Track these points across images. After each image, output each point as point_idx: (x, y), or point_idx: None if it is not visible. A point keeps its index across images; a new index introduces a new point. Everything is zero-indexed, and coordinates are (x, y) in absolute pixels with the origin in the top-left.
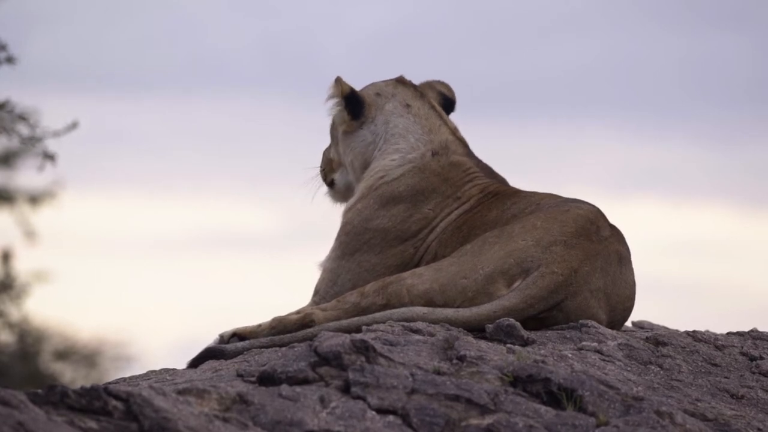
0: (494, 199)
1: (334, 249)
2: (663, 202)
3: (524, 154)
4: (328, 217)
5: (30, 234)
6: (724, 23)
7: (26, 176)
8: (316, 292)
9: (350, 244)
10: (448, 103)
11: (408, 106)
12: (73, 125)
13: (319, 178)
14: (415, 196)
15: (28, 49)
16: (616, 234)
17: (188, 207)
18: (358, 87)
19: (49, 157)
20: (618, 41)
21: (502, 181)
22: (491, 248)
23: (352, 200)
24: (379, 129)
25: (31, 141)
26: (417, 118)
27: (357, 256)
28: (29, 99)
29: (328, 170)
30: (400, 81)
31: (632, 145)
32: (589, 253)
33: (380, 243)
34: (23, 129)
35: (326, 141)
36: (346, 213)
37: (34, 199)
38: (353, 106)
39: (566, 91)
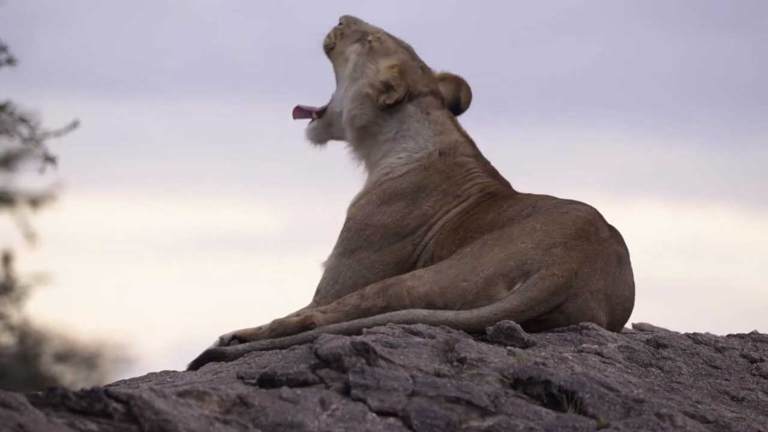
0: (491, 201)
1: (336, 246)
2: (664, 204)
3: (524, 155)
4: (329, 213)
5: (30, 236)
6: (725, 24)
7: (26, 179)
8: (318, 291)
9: (351, 240)
10: (456, 108)
11: (428, 113)
12: (74, 124)
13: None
14: (417, 193)
15: (30, 50)
16: (614, 235)
17: (189, 209)
18: None
19: (50, 159)
20: (618, 42)
21: (506, 185)
22: (491, 251)
23: (357, 195)
24: (393, 125)
25: (32, 142)
26: (432, 123)
27: (358, 253)
28: (31, 101)
29: (336, 56)
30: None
31: (633, 147)
32: (589, 254)
33: (380, 240)
34: (24, 130)
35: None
36: (350, 208)
37: (35, 201)
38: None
39: (567, 92)
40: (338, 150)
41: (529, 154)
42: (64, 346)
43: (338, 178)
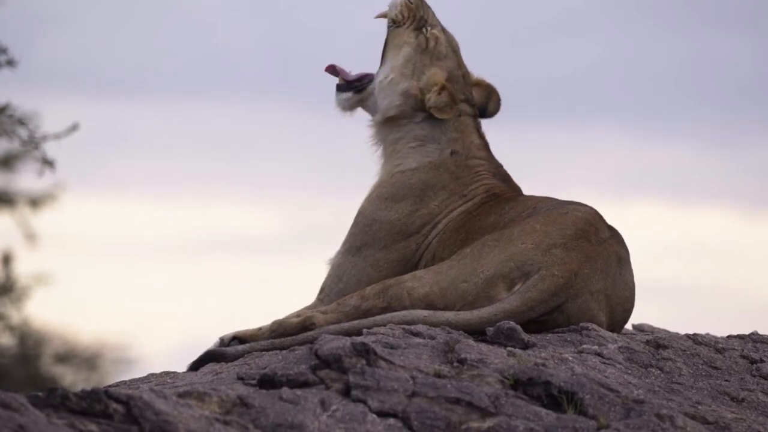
0: (494, 203)
1: (344, 243)
2: (664, 204)
3: (524, 155)
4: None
5: (30, 237)
6: (725, 24)
7: (27, 179)
8: (322, 289)
9: (358, 237)
10: (482, 113)
11: (459, 116)
12: (74, 127)
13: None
14: (424, 191)
15: (30, 51)
16: (614, 235)
17: (189, 210)
18: None
19: (48, 163)
20: (618, 42)
21: (515, 189)
22: (491, 252)
23: (372, 187)
24: (419, 118)
25: (31, 144)
26: (455, 123)
27: (363, 251)
28: (31, 101)
29: (396, 34)
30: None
31: (633, 147)
32: (589, 255)
33: (385, 237)
34: (23, 132)
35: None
36: (364, 201)
37: (35, 201)
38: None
39: (567, 92)
40: (341, 150)
41: (528, 155)
42: (65, 346)
43: (339, 178)
